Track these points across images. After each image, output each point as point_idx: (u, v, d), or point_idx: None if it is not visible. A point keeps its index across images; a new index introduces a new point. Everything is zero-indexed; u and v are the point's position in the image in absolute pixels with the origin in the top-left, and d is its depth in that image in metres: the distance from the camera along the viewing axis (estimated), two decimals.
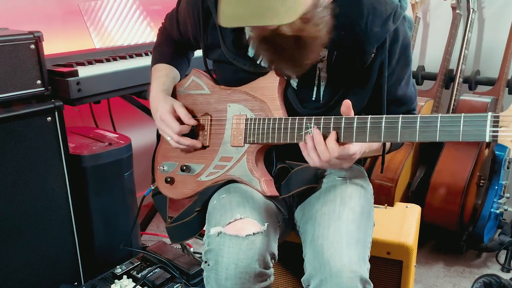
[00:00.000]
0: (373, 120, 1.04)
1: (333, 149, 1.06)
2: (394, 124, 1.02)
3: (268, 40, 1.01)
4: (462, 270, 2.20)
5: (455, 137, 0.95)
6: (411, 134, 1.00)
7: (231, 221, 1.12)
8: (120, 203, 1.94)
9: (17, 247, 1.63)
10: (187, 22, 1.38)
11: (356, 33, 1.13)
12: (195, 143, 1.30)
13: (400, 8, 1.15)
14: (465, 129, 0.94)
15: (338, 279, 1.04)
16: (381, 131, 1.03)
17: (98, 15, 2.18)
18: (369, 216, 1.25)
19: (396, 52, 1.19)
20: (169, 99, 1.33)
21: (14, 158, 1.58)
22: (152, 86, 1.38)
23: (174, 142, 1.31)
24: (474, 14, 2.42)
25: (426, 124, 0.98)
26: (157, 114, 1.31)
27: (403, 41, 1.19)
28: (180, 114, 1.29)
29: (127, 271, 1.74)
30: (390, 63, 1.19)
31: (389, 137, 1.03)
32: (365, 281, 1.08)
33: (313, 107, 1.23)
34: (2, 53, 1.51)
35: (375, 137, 1.04)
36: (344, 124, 1.07)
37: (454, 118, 0.95)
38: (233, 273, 1.07)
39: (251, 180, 1.24)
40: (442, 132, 0.96)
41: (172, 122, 1.28)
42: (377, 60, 1.17)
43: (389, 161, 2.30)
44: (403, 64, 1.23)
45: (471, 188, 2.23)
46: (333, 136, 1.07)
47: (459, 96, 2.37)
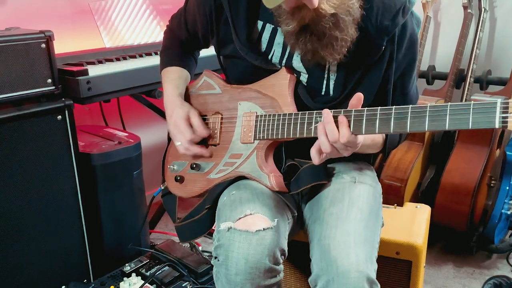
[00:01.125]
0: (382, 111, 1.04)
1: (344, 134, 1.05)
2: (403, 114, 1.01)
3: (308, 28, 1.07)
4: (472, 271, 2.18)
5: (465, 124, 0.94)
6: (420, 124, 0.99)
7: (241, 217, 1.13)
8: (129, 201, 1.95)
9: (27, 244, 1.64)
10: (196, 20, 1.38)
11: (367, 27, 1.14)
12: (204, 152, 1.32)
13: (409, 3, 1.16)
14: (475, 116, 0.93)
15: (345, 279, 1.04)
16: (391, 122, 1.02)
17: (109, 14, 2.19)
18: (378, 216, 1.25)
19: (403, 46, 1.20)
20: (186, 105, 1.34)
21: (24, 156, 1.59)
22: (166, 89, 1.39)
23: (183, 148, 1.32)
24: (485, 13, 2.40)
25: (435, 113, 0.97)
26: (172, 119, 1.32)
27: (410, 37, 1.20)
28: (194, 123, 1.30)
29: (136, 269, 1.75)
30: (397, 57, 1.20)
31: (399, 127, 1.02)
32: (372, 282, 1.07)
33: (323, 101, 1.23)
34: (13, 52, 1.52)
35: (385, 128, 1.04)
36: (353, 116, 1.07)
37: (463, 106, 0.95)
38: (243, 268, 1.07)
39: (260, 176, 1.24)
40: (451, 121, 0.95)
41: (185, 129, 1.29)
42: (386, 53, 1.19)
43: (399, 160, 2.29)
44: (409, 60, 1.24)
45: (481, 189, 2.21)
46: (345, 122, 1.06)
47: (470, 96, 2.35)
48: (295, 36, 1.10)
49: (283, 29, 1.11)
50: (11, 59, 1.52)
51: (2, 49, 1.50)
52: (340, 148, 1.08)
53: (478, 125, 0.93)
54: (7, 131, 1.54)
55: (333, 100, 1.22)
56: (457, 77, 2.47)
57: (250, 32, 1.26)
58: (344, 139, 1.05)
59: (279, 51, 1.25)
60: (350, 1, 1.07)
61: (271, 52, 1.26)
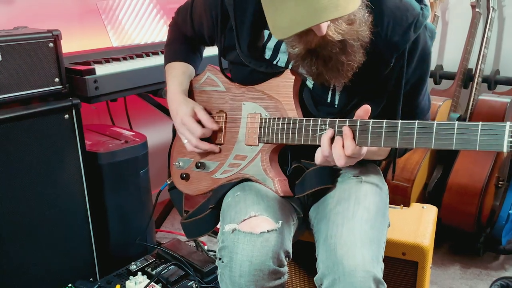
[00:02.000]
0: (388, 125, 1.03)
1: (348, 146, 1.05)
2: (409, 130, 1.00)
3: (314, 52, 1.05)
4: (479, 272, 2.17)
5: (471, 146, 0.93)
6: (427, 141, 0.98)
7: (246, 219, 1.12)
8: (135, 200, 1.96)
9: (34, 242, 1.65)
10: (203, 21, 1.37)
11: (376, 41, 1.11)
12: (213, 148, 1.31)
13: (422, 16, 1.12)
14: (482, 138, 0.92)
15: (351, 278, 1.04)
16: (397, 136, 1.02)
17: (116, 13, 2.20)
18: (384, 216, 1.24)
19: (414, 60, 1.17)
20: (190, 102, 1.33)
21: (31, 154, 1.60)
22: (170, 86, 1.38)
23: (191, 146, 1.31)
24: (494, 12, 2.38)
25: (442, 131, 0.97)
26: (178, 117, 1.31)
27: (422, 51, 1.17)
28: (202, 118, 1.29)
29: (141, 268, 1.75)
30: (407, 72, 1.17)
31: (404, 143, 1.01)
32: (379, 281, 1.06)
33: (327, 111, 1.22)
34: (21, 51, 1.53)
35: (390, 142, 1.03)
36: (359, 127, 1.06)
37: (471, 126, 0.94)
38: (247, 270, 1.07)
39: (265, 180, 1.23)
40: (458, 140, 0.95)
41: (194, 126, 1.28)
42: (396, 69, 1.16)
43: (405, 161, 2.28)
44: (420, 74, 1.21)
45: (489, 189, 2.20)
46: (350, 135, 1.06)
47: (478, 95, 2.34)
48: (301, 58, 1.09)
49: (289, 50, 1.10)
50: (19, 58, 1.53)
51: (10, 48, 1.51)
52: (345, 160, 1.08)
53: (485, 147, 0.92)
54: (15, 129, 1.55)
55: (337, 111, 1.21)
56: (465, 76, 2.45)
57: (255, 41, 1.25)
58: (349, 152, 1.05)
59: (285, 58, 1.24)
60: (360, 28, 1.05)
61: (276, 59, 1.25)
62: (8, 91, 1.53)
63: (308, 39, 1.03)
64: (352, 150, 1.05)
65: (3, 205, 1.56)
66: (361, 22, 1.05)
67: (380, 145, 1.04)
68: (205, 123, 1.29)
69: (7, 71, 1.51)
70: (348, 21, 1.03)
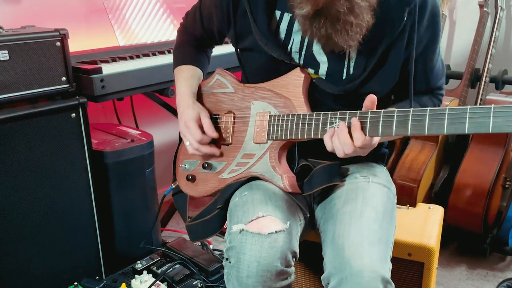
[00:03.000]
0: (400, 114, 1.03)
1: (357, 138, 1.05)
2: (421, 117, 1.00)
3: (322, 13, 1.05)
4: (485, 273, 2.15)
5: (484, 128, 0.93)
6: (439, 127, 0.98)
7: (253, 219, 1.12)
8: (141, 199, 1.96)
9: (40, 241, 1.66)
10: (212, 15, 1.37)
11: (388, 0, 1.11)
12: (215, 151, 1.31)
13: None
14: (495, 120, 0.92)
15: (359, 278, 1.03)
16: (408, 124, 1.01)
17: (123, 13, 2.21)
18: (392, 216, 1.23)
19: (424, 18, 1.17)
20: (197, 106, 1.34)
21: (38, 153, 1.61)
22: (179, 88, 1.38)
23: (191, 149, 1.32)
24: (502, 12, 2.36)
25: (454, 116, 0.96)
26: (182, 119, 1.32)
27: (432, 9, 1.17)
28: (204, 123, 1.30)
29: (147, 267, 1.76)
30: (419, 30, 1.17)
31: (416, 130, 1.01)
32: (387, 282, 1.06)
33: (345, 82, 1.21)
34: (29, 50, 1.54)
35: (402, 131, 1.03)
36: (370, 118, 1.06)
37: (483, 109, 0.93)
38: (255, 271, 1.07)
39: (273, 177, 1.23)
40: (471, 124, 0.94)
41: (195, 130, 1.29)
42: (407, 27, 1.15)
43: (412, 161, 2.27)
44: (432, 34, 1.21)
45: (496, 190, 2.19)
46: (358, 125, 1.06)
47: (486, 95, 2.32)
48: (309, 21, 1.08)
49: (297, 12, 1.09)
50: (26, 57, 1.54)
51: (18, 47, 1.52)
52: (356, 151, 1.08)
53: (499, 129, 0.92)
54: (22, 128, 1.56)
55: (354, 79, 1.20)
56: (473, 76, 2.44)
57: (269, 22, 1.25)
58: (359, 143, 1.05)
59: (299, 38, 1.24)
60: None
61: (290, 41, 1.25)
62: (15, 89, 1.54)
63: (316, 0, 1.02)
64: (362, 141, 1.05)
65: (9, 203, 1.57)
66: None
67: (392, 134, 1.04)
68: (205, 129, 1.30)
69: (15, 70, 1.52)
70: None
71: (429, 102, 1.32)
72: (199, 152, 1.32)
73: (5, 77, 1.51)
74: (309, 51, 1.24)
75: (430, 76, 1.29)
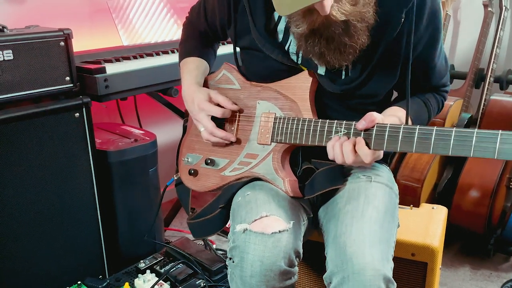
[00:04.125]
0: (406, 130, 1.03)
1: (365, 154, 1.07)
2: (427, 135, 1.00)
3: (317, 32, 1.06)
4: (489, 274, 2.15)
5: (490, 154, 0.93)
6: (444, 148, 0.98)
7: (257, 219, 1.12)
8: (144, 198, 1.96)
9: (43, 240, 1.67)
10: (215, 10, 1.37)
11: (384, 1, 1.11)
12: (229, 136, 1.29)
13: None
14: (501, 147, 0.92)
15: (361, 276, 1.03)
16: (414, 141, 1.02)
17: (126, 12, 2.21)
18: (393, 216, 1.23)
19: (424, 16, 1.16)
20: (204, 89, 1.33)
21: (42, 152, 1.61)
22: (184, 80, 1.38)
23: (207, 133, 1.30)
24: (506, 12, 2.36)
25: (461, 138, 0.96)
26: (194, 104, 1.31)
27: (431, 6, 1.16)
28: (219, 99, 1.29)
29: (150, 266, 1.76)
30: (418, 29, 1.16)
31: (421, 148, 1.01)
32: (389, 280, 1.06)
33: (344, 83, 1.21)
34: (33, 50, 1.54)
35: (407, 147, 1.03)
36: (375, 131, 1.06)
37: (490, 134, 0.93)
38: (258, 270, 1.07)
39: (275, 179, 1.23)
40: (476, 148, 0.94)
41: (213, 108, 1.28)
42: (405, 26, 1.14)
43: (415, 161, 2.26)
44: (432, 32, 1.20)
45: (500, 190, 2.18)
46: (362, 142, 1.07)
47: (490, 96, 2.32)
48: (304, 39, 1.09)
49: (293, 30, 1.10)
50: (30, 56, 1.54)
51: (22, 47, 1.52)
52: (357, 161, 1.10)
53: (505, 156, 0.92)
54: (25, 127, 1.56)
55: (352, 81, 1.20)
56: (477, 76, 2.43)
57: (268, 23, 1.25)
58: (369, 159, 1.07)
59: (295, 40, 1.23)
60: (364, 9, 1.06)
61: (287, 42, 1.25)
62: (19, 89, 1.54)
63: (312, 19, 1.03)
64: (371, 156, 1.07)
65: (13, 201, 1.57)
66: (365, 3, 1.06)
67: (397, 150, 1.04)
68: (223, 103, 1.29)
69: (19, 69, 1.53)
70: (351, 1, 1.03)
71: (432, 99, 1.32)
72: (214, 138, 1.30)
73: (9, 77, 1.51)
74: None
75: (432, 74, 1.29)
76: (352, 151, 1.08)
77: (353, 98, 1.23)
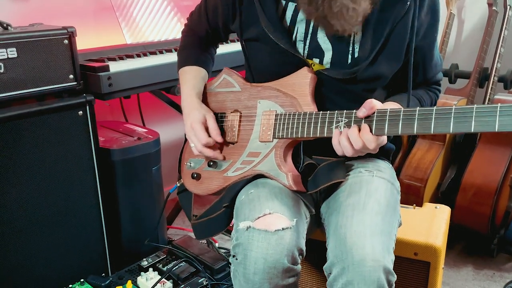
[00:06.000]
0: (406, 113, 1.03)
1: (369, 140, 1.07)
2: (427, 115, 1.00)
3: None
4: (492, 274, 2.14)
5: (491, 127, 0.93)
6: (445, 125, 0.98)
7: (260, 216, 1.12)
8: (147, 196, 1.97)
9: (46, 238, 1.67)
10: (217, 6, 1.38)
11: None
12: (217, 155, 1.32)
13: None
14: (502, 119, 0.92)
15: (361, 267, 1.03)
16: (414, 122, 1.02)
17: (130, 10, 2.21)
18: (395, 210, 1.23)
19: (424, 4, 1.19)
20: (203, 109, 1.34)
21: (45, 150, 1.62)
22: (184, 90, 1.39)
23: (196, 151, 1.33)
24: (511, 11, 2.35)
25: (461, 115, 0.96)
26: (188, 121, 1.33)
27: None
28: (210, 126, 1.31)
29: (153, 264, 1.76)
30: (420, 15, 1.19)
31: (422, 129, 1.01)
32: (389, 272, 1.06)
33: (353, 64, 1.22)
34: (37, 48, 1.55)
35: (408, 130, 1.03)
36: (376, 117, 1.07)
37: (490, 108, 0.93)
38: (261, 268, 1.07)
39: (278, 175, 1.23)
40: (477, 123, 0.94)
41: (201, 133, 1.30)
42: (409, 11, 1.17)
43: (419, 160, 2.26)
44: (431, 19, 1.22)
45: (503, 190, 2.17)
46: (366, 128, 1.07)
47: (494, 95, 2.31)
48: (308, 1, 1.10)
49: None
50: (34, 54, 1.54)
51: (26, 45, 1.52)
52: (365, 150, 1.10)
53: (505, 127, 0.92)
54: (29, 125, 1.57)
55: (359, 63, 1.20)
56: (481, 76, 2.42)
57: (277, 10, 1.26)
58: (373, 145, 1.08)
59: (303, 27, 1.24)
60: None
61: (294, 30, 1.25)
62: (23, 87, 1.54)
63: None
64: (375, 142, 1.07)
65: (16, 200, 1.58)
66: None
67: (398, 133, 1.05)
68: (211, 132, 1.31)
69: (23, 67, 1.53)
70: None
71: (425, 96, 1.33)
72: (203, 155, 1.33)
73: (13, 75, 1.52)
74: (314, 39, 1.24)
75: (429, 66, 1.31)
76: (359, 136, 1.08)
77: (357, 83, 1.23)
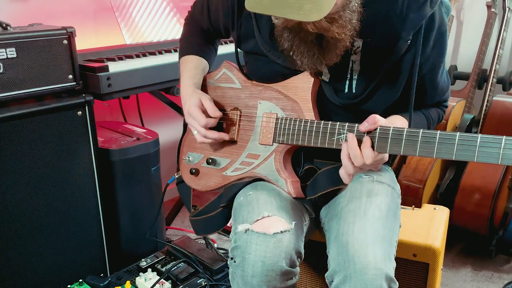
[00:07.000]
0: (409, 133, 1.02)
1: (367, 156, 1.05)
2: (431, 139, 0.99)
3: (291, 31, 1.04)
4: (490, 275, 2.14)
5: (493, 159, 0.93)
6: (448, 151, 0.98)
7: (259, 219, 1.12)
8: (146, 197, 1.96)
9: (45, 238, 1.67)
10: (219, 10, 1.36)
11: (391, 20, 1.10)
12: (222, 136, 1.29)
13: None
14: (505, 152, 0.92)
15: (363, 275, 1.03)
16: (417, 145, 1.01)
17: (129, 11, 2.21)
18: (396, 215, 1.23)
19: (431, 39, 1.15)
20: (197, 92, 1.32)
21: (44, 150, 1.61)
22: (183, 80, 1.37)
23: (200, 136, 1.30)
24: (510, 13, 2.35)
25: (464, 143, 0.96)
26: (185, 108, 1.31)
27: (439, 28, 1.15)
28: (206, 106, 1.28)
29: (151, 264, 1.76)
30: (425, 50, 1.15)
31: (424, 152, 1.01)
32: (391, 280, 1.06)
33: (347, 97, 1.20)
34: (36, 48, 1.55)
35: (410, 151, 1.02)
36: (378, 134, 1.06)
37: (494, 139, 0.93)
38: (259, 271, 1.07)
39: (277, 180, 1.23)
40: (480, 153, 0.94)
41: (198, 115, 1.26)
42: (412, 48, 1.14)
43: (418, 161, 2.26)
44: (438, 52, 1.19)
45: (502, 191, 2.17)
46: (368, 142, 1.05)
47: (492, 96, 2.31)
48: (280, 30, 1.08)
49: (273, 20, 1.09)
50: (33, 54, 1.54)
51: (25, 45, 1.52)
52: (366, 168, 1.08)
53: (508, 161, 0.92)
54: (28, 125, 1.56)
55: (356, 97, 1.19)
56: (480, 77, 2.43)
57: (273, 28, 1.24)
58: (369, 160, 1.05)
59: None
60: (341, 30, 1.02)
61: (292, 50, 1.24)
62: (22, 87, 1.54)
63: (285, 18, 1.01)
64: (372, 158, 1.05)
65: (15, 200, 1.57)
66: (345, 23, 1.02)
67: (400, 153, 1.04)
68: (208, 111, 1.27)
69: (22, 67, 1.53)
70: (329, 19, 1.00)
71: (433, 111, 1.33)
72: (208, 139, 1.29)
73: (12, 75, 1.51)
74: None
75: (435, 93, 1.29)
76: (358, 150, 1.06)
77: (352, 112, 1.22)
